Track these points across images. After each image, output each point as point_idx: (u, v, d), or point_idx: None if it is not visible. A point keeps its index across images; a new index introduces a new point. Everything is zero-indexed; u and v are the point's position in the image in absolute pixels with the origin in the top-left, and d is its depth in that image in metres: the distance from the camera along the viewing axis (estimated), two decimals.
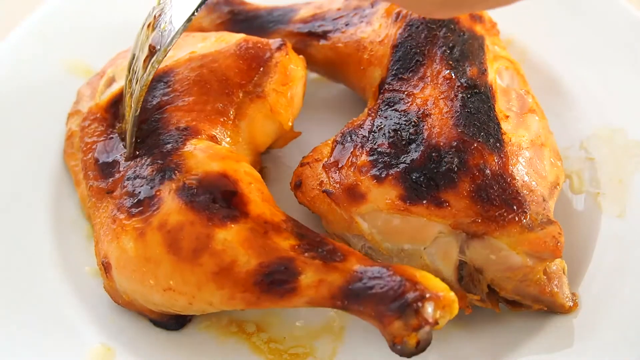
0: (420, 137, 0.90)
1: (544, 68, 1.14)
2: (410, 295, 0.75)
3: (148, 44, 0.92)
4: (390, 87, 0.98)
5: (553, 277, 0.87)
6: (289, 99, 0.98)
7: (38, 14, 1.19)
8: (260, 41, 1.00)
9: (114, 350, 0.89)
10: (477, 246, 0.86)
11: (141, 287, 0.84)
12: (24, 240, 0.98)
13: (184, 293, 0.82)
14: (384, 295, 0.76)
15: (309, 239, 0.83)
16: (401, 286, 0.76)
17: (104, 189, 0.92)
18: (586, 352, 0.86)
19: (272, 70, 0.97)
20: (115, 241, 0.85)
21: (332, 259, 0.80)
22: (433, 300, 0.75)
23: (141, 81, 0.91)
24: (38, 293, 0.93)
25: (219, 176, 0.85)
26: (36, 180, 1.03)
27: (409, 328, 0.75)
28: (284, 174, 1.07)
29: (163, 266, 0.82)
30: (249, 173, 0.88)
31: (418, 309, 0.75)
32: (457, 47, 0.98)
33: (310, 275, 0.79)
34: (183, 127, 0.92)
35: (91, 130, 0.98)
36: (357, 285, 0.78)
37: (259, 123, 0.97)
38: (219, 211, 0.83)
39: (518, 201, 0.86)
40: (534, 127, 0.95)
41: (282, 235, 0.82)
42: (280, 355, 0.90)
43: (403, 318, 0.75)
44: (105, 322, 0.92)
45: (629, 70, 1.10)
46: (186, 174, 0.85)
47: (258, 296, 0.80)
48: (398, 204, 0.87)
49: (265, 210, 0.84)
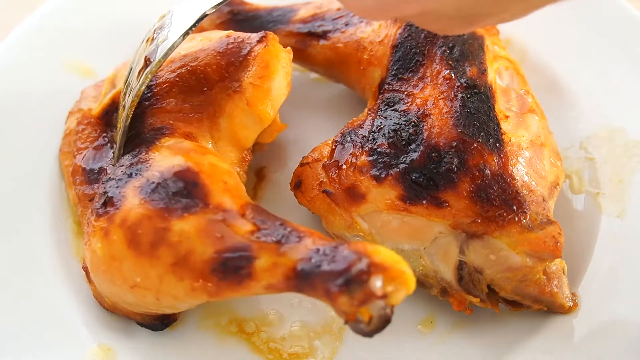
0: (420, 137, 0.90)
1: (544, 68, 1.14)
2: (355, 269, 0.71)
3: (144, 57, 0.93)
4: (390, 87, 0.98)
5: (553, 277, 0.87)
6: (265, 91, 0.95)
7: (38, 14, 1.19)
8: (241, 36, 0.98)
9: (114, 350, 0.89)
10: (476, 246, 0.86)
11: (113, 286, 0.84)
12: (23, 241, 0.98)
13: (149, 288, 0.82)
14: (331, 271, 0.73)
15: (269, 224, 0.81)
16: (348, 261, 0.72)
17: (88, 195, 0.93)
18: (586, 352, 0.86)
19: (250, 64, 0.95)
20: (88, 244, 0.86)
21: (287, 242, 0.78)
22: (380, 272, 0.70)
23: (133, 92, 0.92)
24: (37, 293, 0.93)
25: (180, 169, 0.85)
26: (35, 180, 1.03)
27: (356, 302, 0.70)
28: (284, 174, 1.07)
29: (126, 263, 0.82)
30: (213, 164, 0.88)
31: (364, 282, 0.70)
32: (456, 47, 0.98)
33: (265, 260, 0.77)
34: (158, 127, 0.92)
35: (84, 135, 0.99)
36: (306, 265, 0.75)
37: (237, 118, 0.95)
38: (177, 204, 0.82)
39: (518, 201, 0.86)
40: (533, 127, 0.95)
41: (240, 222, 0.81)
42: (280, 355, 0.90)
43: (348, 292, 0.71)
44: (106, 322, 0.92)
45: (629, 70, 1.10)
46: (150, 171, 0.85)
47: (217, 285, 0.79)
48: (398, 204, 0.87)
49: (226, 200, 0.83)
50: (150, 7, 1.23)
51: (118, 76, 1.05)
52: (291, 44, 1.10)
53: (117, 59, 1.14)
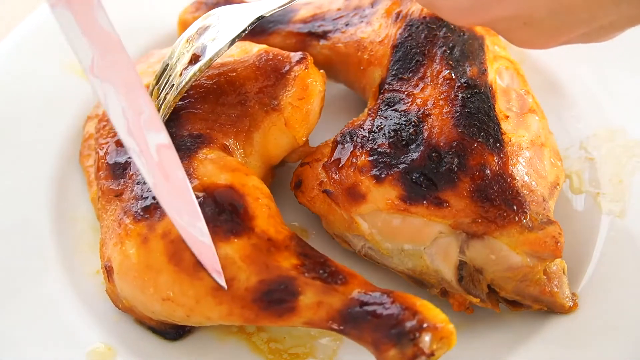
0: (420, 137, 0.90)
1: (544, 68, 1.14)
2: (408, 324, 0.75)
3: (190, 53, 0.93)
4: (390, 87, 0.98)
5: (553, 277, 0.87)
6: (304, 114, 0.96)
7: (38, 13, 1.19)
8: (281, 53, 0.99)
9: (115, 350, 0.89)
10: (477, 246, 0.86)
11: (141, 294, 0.83)
12: (23, 240, 0.98)
13: (182, 305, 0.82)
14: (382, 322, 0.76)
15: (312, 259, 0.82)
16: (400, 314, 0.76)
17: (113, 190, 0.91)
18: (586, 352, 0.86)
19: (290, 84, 0.96)
20: (119, 245, 0.85)
21: (333, 281, 0.80)
22: (431, 330, 0.75)
23: (177, 88, 0.92)
24: (38, 292, 0.93)
25: (227, 189, 0.84)
26: (36, 180, 1.03)
27: (404, 357, 0.74)
28: (284, 174, 1.07)
29: (163, 276, 0.82)
30: (258, 187, 0.87)
31: (415, 339, 0.74)
32: (457, 47, 0.98)
33: (310, 296, 0.79)
34: (196, 135, 0.91)
35: (106, 131, 0.98)
36: (355, 310, 0.78)
37: (272, 136, 0.96)
38: (224, 224, 0.82)
39: (518, 201, 0.86)
40: (534, 127, 0.95)
41: (285, 253, 0.82)
42: (280, 355, 0.90)
43: (399, 346, 0.75)
44: (106, 321, 0.92)
45: (629, 70, 1.10)
46: (193, 184, 0.85)
47: (257, 313, 0.80)
48: (398, 204, 0.87)
49: (270, 227, 0.84)
50: (151, 7, 1.23)
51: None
52: (291, 44, 1.10)
53: None
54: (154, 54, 1.10)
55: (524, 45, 0.80)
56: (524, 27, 0.75)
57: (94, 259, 0.97)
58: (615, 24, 0.73)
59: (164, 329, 0.91)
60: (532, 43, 0.78)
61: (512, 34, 0.78)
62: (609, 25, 0.73)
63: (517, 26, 0.76)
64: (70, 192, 1.04)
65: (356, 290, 0.79)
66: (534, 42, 0.78)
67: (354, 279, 0.81)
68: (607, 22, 0.73)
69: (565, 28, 0.74)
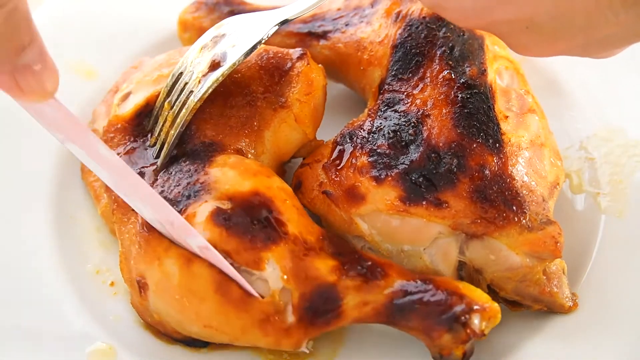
0: (420, 137, 0.90)
1: (544, 68, 1.14)
2: (457, 309, 0.78)
3: (209, 61, 0.93)
4: (390, 88, 0.98)
5: (553, 277, 0.88)
6: (312, 108, 0.97)
7: (38, 13, 1.19)
8: (280, 51, 0.99)
9: (115, 349, 0.89)
10: (476, 247, 0.86)
11: (180, 315, 0.82)
12: (23, 239, 0.98)
13: (226, 333, 0.81)
14: (430, 309, 0.79)
15: (347, 257, 0.82)
16: (447, 300, 0.79)
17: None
18: (586, 352, 0.86)
19: (294, 80, 0.96)
20: (156, 262, 0.82)
21: (373, 277, 0.81)
22: (480, 312, 0.78)
23: (196, 96, 0.92)
24: (38, 292, 0.93)
25: (253, 195, 0.83)
26: (36, 180, 1.03)
27: (458, 341, 0.78)
28: (284, 174, 1.07)
29: (208, 304, 0.80)
30: (282, 188, 0.87)
31: (466, 322, 0.77)
32: (456, 47, 0.98)
33: (354, 298, 0.80)
34: (209, 143, 0.91)
35: (115, 141, 0.96)
36: (401, 301, 0.79)
37: (283, 133, 0.96)
38: (259, 233, 0.81)
39: (517, 201, 0.86)
40: (533, 127, 0.95)
41: (321, 255, 0.82)
42: (280, 355, 0.90)
43: (452, 331, 0.78)
44: (106, 320, 0.92)
45: (629, 70, 1.10)
46: (217, 194, 0.83)
47: (305, 332, 0.80)
48: (397, 204, 0.87)
49: (302, 229, 0.84)
50: (152, 7, 1.23)
51: (134, 84, 1.02)
52: (291, 44, 1.10)
53: (120, 59, 1.14)
54: (145, 62, 1.08)
55: (524, 50, 0.80)
56: (525, 32, 0.76)
57: (94, 258, 0.98)
58: (612, 38, 0.73)
59: (189, 340, 0.88)
60: (531, 48, 0.79)
61: (513, 38, 0.79)
62: (607, 38, 0.73)
63: (519, 30, 0.76)
64: (71, 192, 1.04)
65: (397, 280, 0.80)
66: (534, 47, 0.78)
67: (391, 269, 0.82)
68: (606, 34, 0.73)
69: (564, 34, 0.74)
